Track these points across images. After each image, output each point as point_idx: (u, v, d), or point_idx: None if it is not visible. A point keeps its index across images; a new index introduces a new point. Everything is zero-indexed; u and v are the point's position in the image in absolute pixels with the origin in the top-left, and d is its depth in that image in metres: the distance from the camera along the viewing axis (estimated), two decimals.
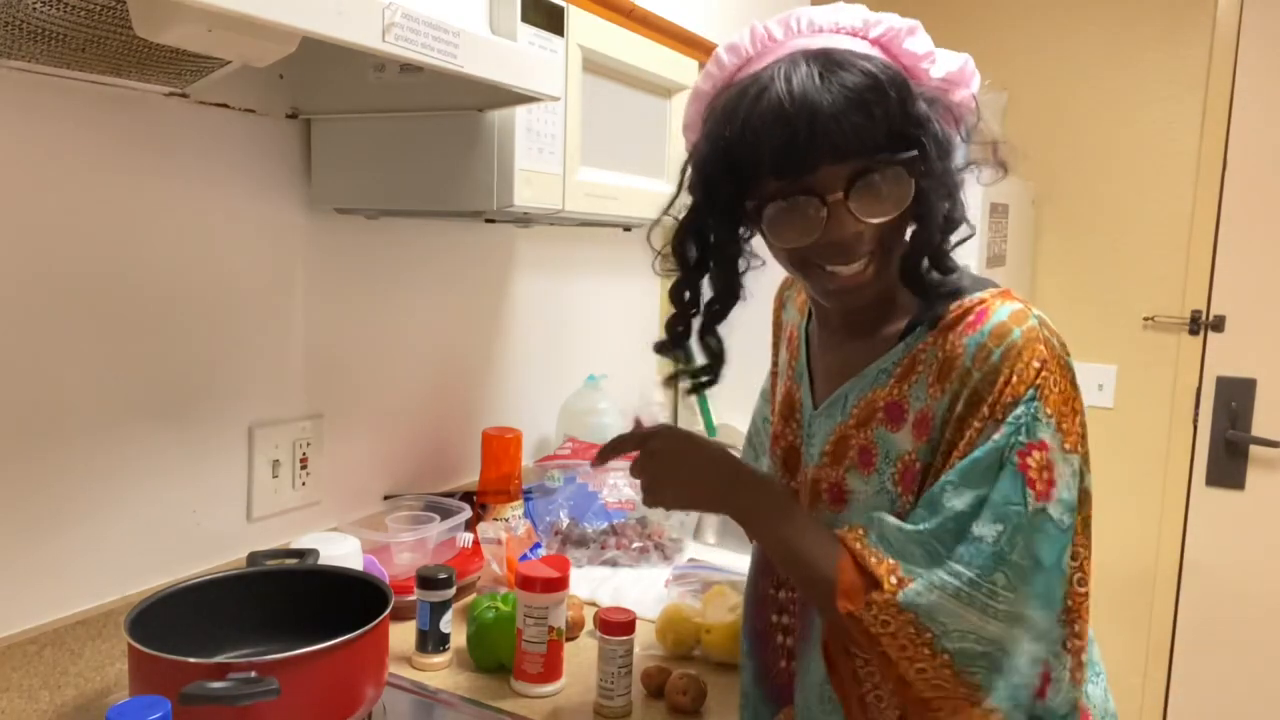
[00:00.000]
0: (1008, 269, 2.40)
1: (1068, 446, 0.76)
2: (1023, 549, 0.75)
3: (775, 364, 1.08)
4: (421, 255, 1.52)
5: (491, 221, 1.38)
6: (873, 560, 0.78)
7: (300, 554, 1.08)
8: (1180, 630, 2.33)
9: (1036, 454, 0.75)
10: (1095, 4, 2.40)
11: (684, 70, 1.51)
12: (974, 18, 2.57)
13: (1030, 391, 0.76)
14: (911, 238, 0.82)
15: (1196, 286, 2.31)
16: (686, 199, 0.87)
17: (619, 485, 1.63)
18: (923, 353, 0.82)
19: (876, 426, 0.84)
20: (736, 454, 0.96)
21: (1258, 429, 2.24)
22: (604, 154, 1.33)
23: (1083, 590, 0.78)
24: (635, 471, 0.92)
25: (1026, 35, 2.50)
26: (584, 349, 1.95)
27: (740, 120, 0.76)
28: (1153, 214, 2.36)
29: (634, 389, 2.04)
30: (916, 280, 0.82)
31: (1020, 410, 0.75)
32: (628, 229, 1.69)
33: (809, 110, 0.73)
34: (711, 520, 1.66)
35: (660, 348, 0.94)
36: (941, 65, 0.81)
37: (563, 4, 1.18)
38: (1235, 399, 2.27)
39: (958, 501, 0.76)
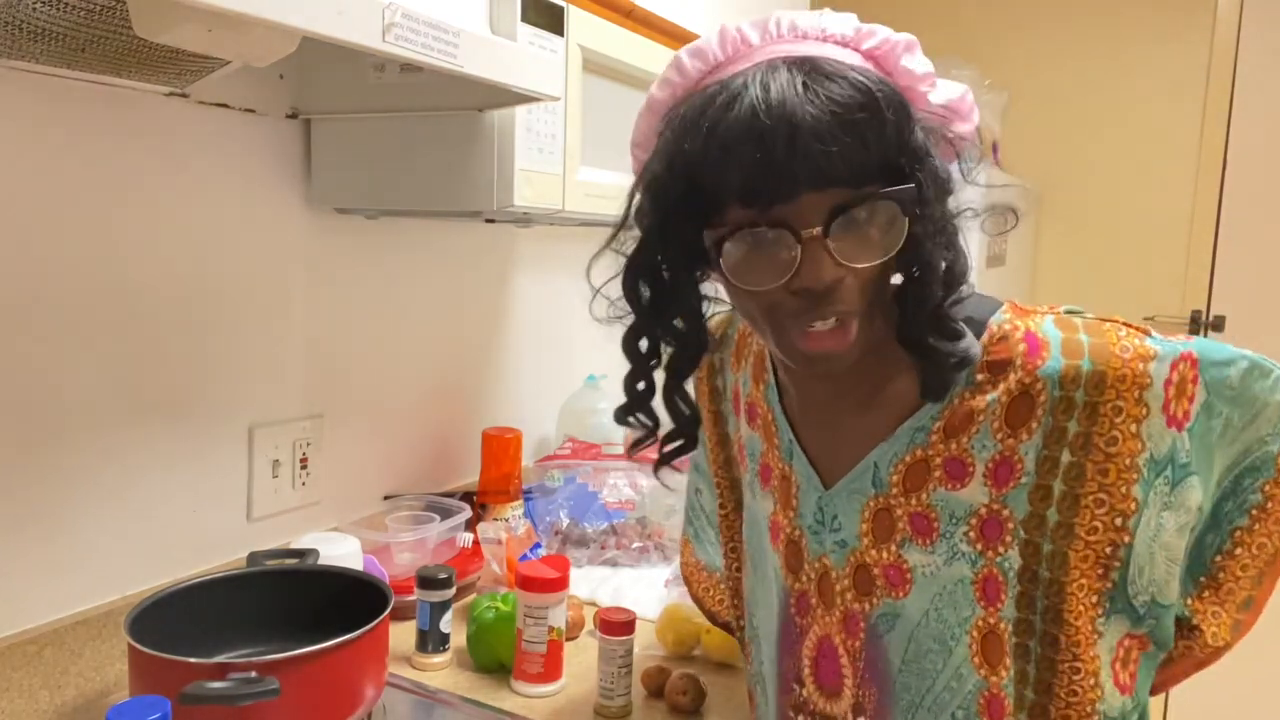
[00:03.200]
0: (1007, 269, 2.41)
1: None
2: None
3: (715, 435, 0.95)
4: (421, 255, 1.52)
5: (491, 221, 1.38)
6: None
7: (300, 554, 1.08)
8: None
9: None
10: (1095, 4, 2.40)
11: None
12: (974, 19, 2.57)
13: (1150, 340, 0.70)
14: (911, 294, 0.69)
15: (1196, 286, 2.31)
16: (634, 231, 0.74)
17: (619, 485, 1.63)
18: (979, 400, 0.72)
19: (935, 489, 0.73)
20: None
21: None
22: (604, 154, 1.33)
23: None
24: None
25: (1026, 35, 2.50)
26: (584, 349, 1.95)
27: (704, 133, 0.64)
28: (1153, 214, 2.36)
29: None
30: (920, 346, 0.70)
31: (1165, 345, 0.70)
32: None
33: (788, 124, 0.60)
34: None
35: (620, 415, 0.80)
36: (941, 92, 0.70)
37: (563, 4, 1.18)
38: None
39: (1262, 381, 0.71)
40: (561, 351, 1.88)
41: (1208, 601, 0.76)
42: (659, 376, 0.79)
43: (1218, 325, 2.29)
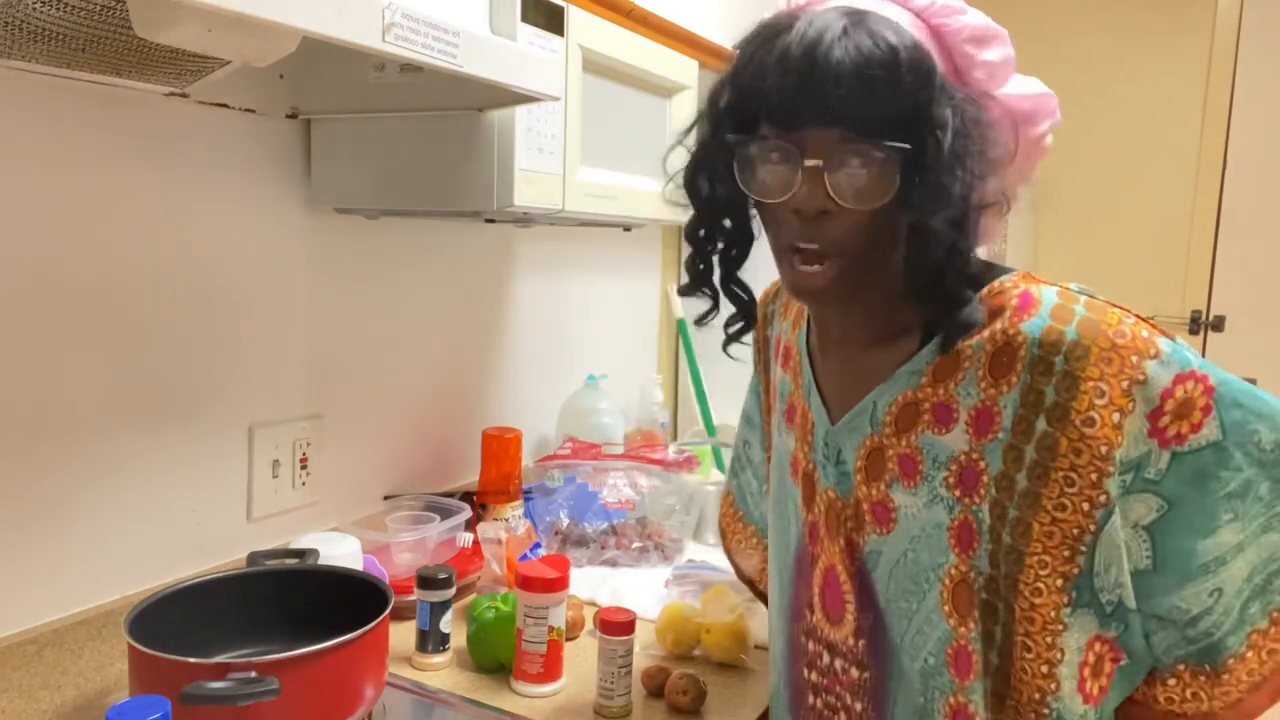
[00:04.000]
0: None
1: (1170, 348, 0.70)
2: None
3: (766, 384, 1.02)
4: (421, 255, 1.52)
5: (491, 221, 1.38)
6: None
7: (300, 554, 1.08)
8: None
9: (1188, 385, 0.68)
10: (1095, 4, 2.40)
11: (684, 70, 1.51)
12: None
13: (1163, 340, 0.69)
14: (911, 255, 0.74)
15: (1196, 286, 2.31)
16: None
17: (619, 485, 1.63)
18: (966, 347, 0.75)
19: (923, 431, 0.77)
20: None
21: None
22: (604, 154, 1.33)
23: None
24: None
25: (1026, 35, 2.50)
26: (584, 349, 1.95)
27: (749, 58, 0.73)
28: (1153, 214, 2.36)
29: (634, 389, 2.04)
30: (922, 304, 0.75)
31: (1179, 351, 0.69)
32: (628, 229, 1.69)
33: (809, 62, 0.67)
34: (710, 521, 1.66)
35: (684, 290, 0.88)
36: (1014, 85, 0.75)
37: (563, 4, 1.18)
38: None
39: (1269, 434, 0.69)
40: (561, 351, 1.88)
41: (1199, 685, 0.74)
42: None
43: (1218, 325, 2.29)
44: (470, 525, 1.40)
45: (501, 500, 1.50)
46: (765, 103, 0.72)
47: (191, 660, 0.83)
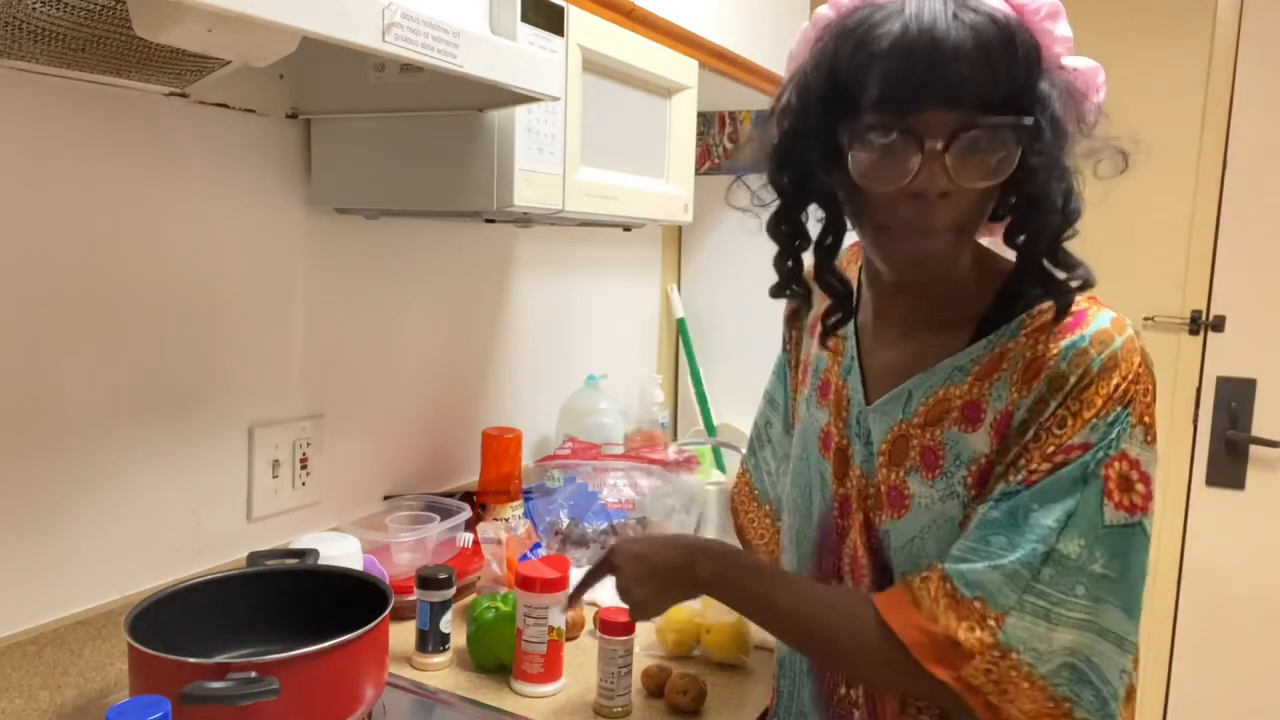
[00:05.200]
0: None
1: (1149, 456, 0.74)
2: (1107, 561, 0.72)
3: (796, 361, 1.04)
4: (421, 255, 1.52)
5: (491, 221, 1.38)
6: (950, 609, 0.73)
7: (300, 554, 1.08)
8: (1180, 630, 2.32)
9: (1120, 465, 0.72)
10: (1095, 4, 2.40)
11: (684, 70, 1.51)
12: None
13: (1122, 407, 0.73)
14: (1028, 224, 0.76)
15: (1196, 286, 2.30)
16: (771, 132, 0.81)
17: (619, 485, 1.63)
18: (1010, 351, 0.77)
19: (950, 427, 0.79)
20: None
21: (1258, 429, 2.24)
22: (604, 154, 1.33)
23: None
24: (620, 595, 0.91)
25: None
26: (584, 349, 1.95)
27: (856, 40, 0.71)
28: (1153, 214, 2.35)
29: (634, 389, 2.04)
30: (1038, 271, 0.76)
31: (1114, 421, 0.73)
32: (628, 229, 1.69)
33: (932, 42, 0.67)
34: (711, 521, 1.66)
35: (775, 291, 0.89)
36: (1074, 60, 0.76)
37: (563, 4, 1.18)
38: (1235, 399, 2.26)
39: (1046, 519, 0.72)
40: (561, 351, 1.88)
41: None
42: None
43: (1218, 325, 2.28)
44: (470, 525, 1.40)
45: (501, 500, 1.50)
46: (877, 89, 0.70)
47: (191, 660, 0.83)
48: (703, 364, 2.14)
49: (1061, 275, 0.75)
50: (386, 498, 1.48)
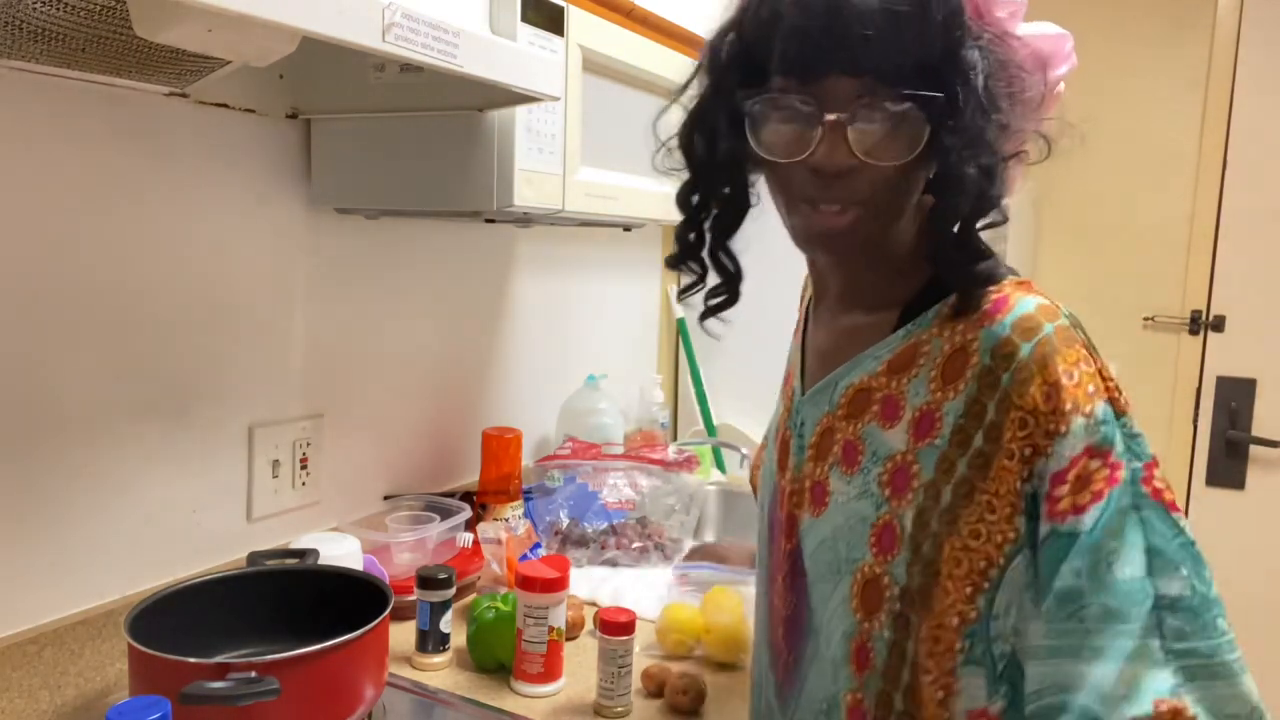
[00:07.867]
0: None
1: (1142, 443, 0.65)
2: (1208, 578, 0.63)
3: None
4: (421, 255, 1.52)
5: (491, 221, 1.38)
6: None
7: (300, 554, 1.08)
8: None
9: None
10: (1095, 4, 2.40)
11: (684, 70, 1.51)
12: None
13: (1104, 405, 0.63)
14: (937, 209, 0.69)
15: (1196, 286, 2.31)
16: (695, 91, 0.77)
17: (619, 485, 1.63)
18: (925, 344, 0.71)
19: (870, 421, 0.73)
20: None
21: (1258, 429, 2.25)
22: (604, 154, 1.33)
23: None
24: None
25: None
26: (584, 349, 1.95)
27: (757, 2, 0.67)
28: (1153, 214, 2.36)
29: (634, 389, 2.04)
30: (943, 257, 0.70)
31: (1102, 420, 0.63)
32: (628, 229, 1.69)
33: (833, 4, 0.62)
34: (711, 521, 1.66)
35: (671, 261, 0.83)
36: (1027, 28, 0.69)
37: (563, 4, 1.18)
38: (1235, 399, 2.27)
39: (1131, 569, 0.61)
40: (561, 351, 1.88)
41: None
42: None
43: (1218, 325, 2.28)
44: (470, 525, 1.40)
45: (501, 500, 1.50)
46: (778, 51, 0.65)
47: (191, 660, 0.83)
48: (703, 364, 2.14)
49: (966, 266, 0.69)
50: (386, 498, 1.48)
